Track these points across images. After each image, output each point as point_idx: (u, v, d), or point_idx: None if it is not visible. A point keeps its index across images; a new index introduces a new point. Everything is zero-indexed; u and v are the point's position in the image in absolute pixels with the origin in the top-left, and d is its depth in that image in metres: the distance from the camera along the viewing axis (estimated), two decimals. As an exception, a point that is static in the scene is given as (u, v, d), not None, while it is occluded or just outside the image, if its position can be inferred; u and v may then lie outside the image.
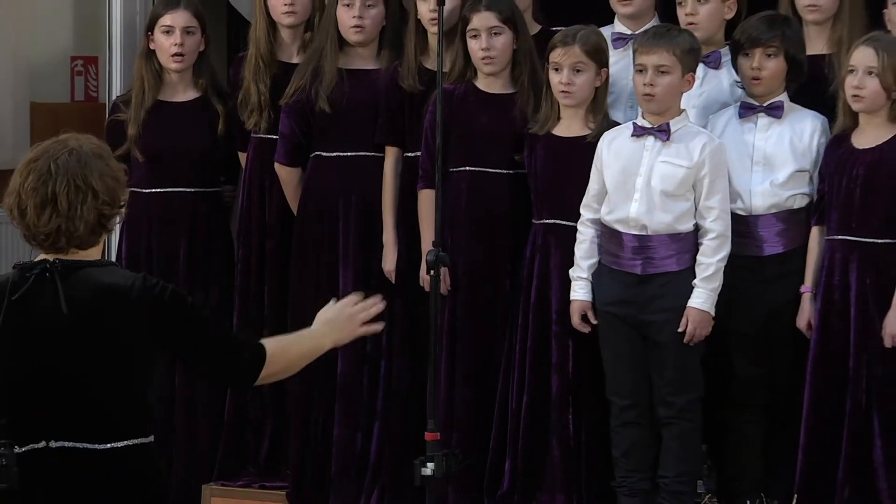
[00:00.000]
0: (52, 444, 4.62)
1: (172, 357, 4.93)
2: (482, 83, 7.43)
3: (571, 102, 7.15)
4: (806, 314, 7.01)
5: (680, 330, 6.98)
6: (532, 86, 7.32)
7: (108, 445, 4.62)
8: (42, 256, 4.66)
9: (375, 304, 5.12)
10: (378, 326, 5.20)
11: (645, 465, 7.15)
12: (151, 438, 4.74)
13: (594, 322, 7.12)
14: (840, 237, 6.93)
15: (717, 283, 6.98)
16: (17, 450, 4.59)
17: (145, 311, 4.60)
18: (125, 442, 4.64)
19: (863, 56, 6.81)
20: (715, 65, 7.33)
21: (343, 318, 5.06)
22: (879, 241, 6.86)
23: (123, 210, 4.71)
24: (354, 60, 7.69)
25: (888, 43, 6.85)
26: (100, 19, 9.88)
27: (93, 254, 4.68)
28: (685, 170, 7.00)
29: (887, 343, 6.80)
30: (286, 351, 4.90)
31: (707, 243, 6.99)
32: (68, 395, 4.62)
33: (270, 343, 4.86)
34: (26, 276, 4.61)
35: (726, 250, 6.99)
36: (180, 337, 4.70)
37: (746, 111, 7.15)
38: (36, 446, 4.62)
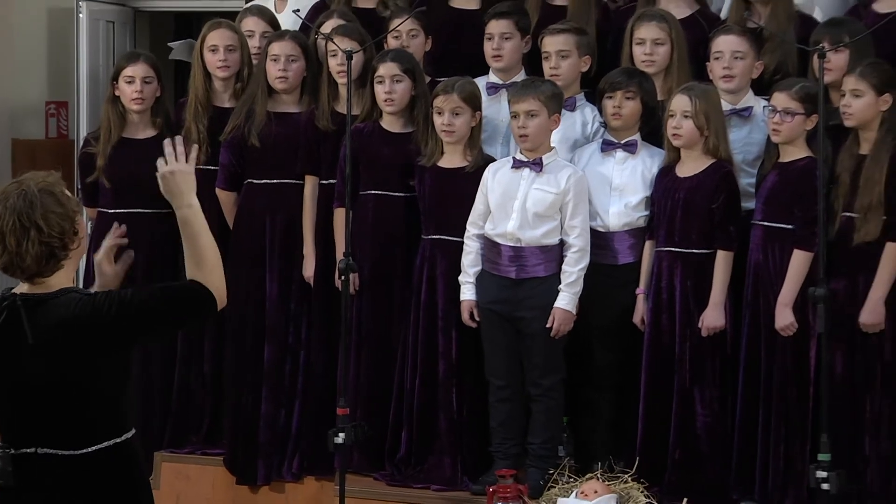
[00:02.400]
0: (39, 450, 4.53)
1: (145, 342, 4.87)
2: (385, 122, 7.47)
3: (451, 140, 7.25)
4: (640, 311, 7.12)
5: (547, 326, 7.03)
6: (425, 124, 7.35)
7: (84, 451, 4.53)
8: (16, 289, 4.56)
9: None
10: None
11: (516, 434, 7.18)
12: (129, 434, 4.63)
13: (478, 319, 7.19)
14: (666, 249, 7.04)
15: (578, 287, 7.06)
16: (12, 452, 4.53)
17: (98, 330, 4.46)
18: (100, 445, 4.55)
19: (680, 102, 6.94)
20: (571, 108, 7.38)
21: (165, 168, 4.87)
22: (697, 251, 6.97)
23: (79, 237, 4.55)
24: (280, 105, 7.70)
25: (701, 91, 6.97)
26: (69, 70, 10.01)
27: (60, 280, 4.54)
28: (553, 195, 7.05)
29: (704, 333, 6.94)
30: (203, 262, 4.61)
31: (570, 255, 7.07)
32: (44, 409, 4.52)
33: (191, 273, 4.56)
34: (0, 307, 4.54)
35: (586, 261, 7.07)
36: (135, 329, 4.53)
37: (607, 146, 7.23)
38: (27, 451, 4.54)
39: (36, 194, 4.48)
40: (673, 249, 7.05)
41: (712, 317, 6.96)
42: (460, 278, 7.24)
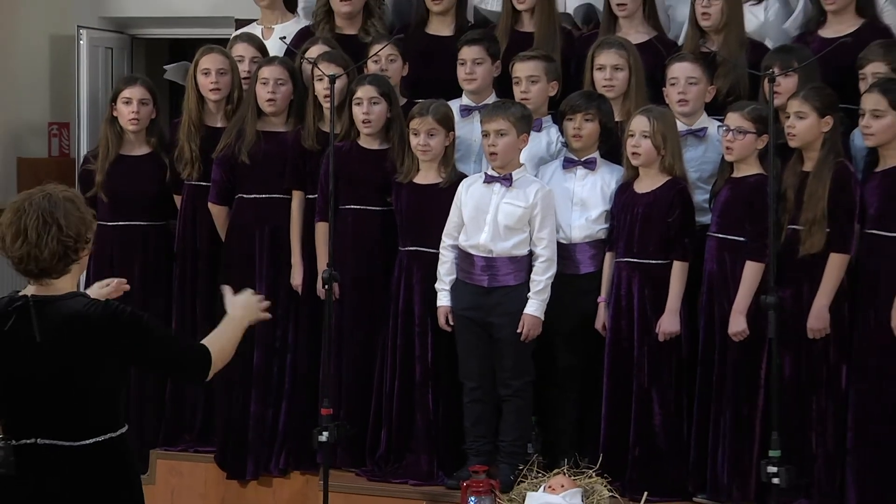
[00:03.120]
0: (39, 441, 4.57)
1: (137, 367, 4.79)
2: (363, 141, 7.45)
3: (427, 158, 7.26)
4: (601, 318, 7.12)
5: (518, 331, 7.02)
6: (400, 144, 7.35)
7: (82, 443, 4.57)
8: (25, 291, 4.61)
9: (264, 299, 5.23)
10: (268, 315, 5.30)
11: (488, 432, 7.16)
12: (123, 430, 4.68)
13: (452, 324, 7.19)
14: (625, 259, 7.05)
15: (546, 295, 7.04)
16: (13, 443, 4.59)
17: (106, 331, 4.52)
18: (96, 438, 4.59)
19: (639, 123, 6.96)
20: (538, 129, 7.35)
21: (253, 303, 5.08)
22: (654, 262, 6.99)
23: (90, 245, 4.64)
24: (268, 125, 7.67)
25: (658, 113, 6.98)
26: (70, 93, 10.03)
27: (66, 285, 4.61)
28: (522, 209, 7.03)
29: (661, 339, 6.95)
30: (221, 344, 4.83)
31: (538, 265, 7.06)
32: (46, 403, 4.56)
33: (209, 342, 4.79)
34: (9, 310, 4.57)
35: (553, 270, 7.06)
36: (140, 349, 4.59)
37: (569, 164, 7.22)
38: (28, 441, 4.58)
39: (59, 197, 4.57)
40: (631, 260, 7.06)
41: (668, 322, 6.97)
42: (437, 286, 7.23)
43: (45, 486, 4.59)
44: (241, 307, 5.07)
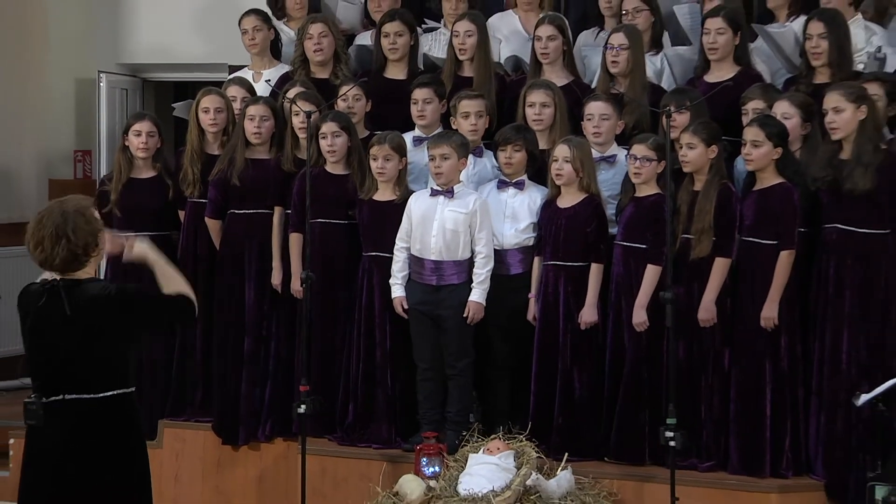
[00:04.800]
0: (66, 396, 4.68)
1: (146, 327, 4.95)
2: (329, 167, 7.42)
3: (384, 179, 7.24)
4: (532, 311, 7.11)
5: (464, 316, 7.03)
6: (360, 169, 7.34)
7: (101, 395, 4.68)
8: (53, 276, 4.74)
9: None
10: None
11: (437, 405, 7.18)
12: (132, 388, 4.78)
13: (406, 308, 7.14)
14: (552, 263, 7.04)
15: (487, 285, 7.06)
16: (43, 400, 4.70)
17: (118, 306, 4.65)
18: (112, 392, 4.70)
19: (562, 150, 6.97)
20: (479, 154, 7.39)
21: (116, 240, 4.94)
22: (576, 264, 6.99)
23: (99, 248, 4.74)
24: (255, 153, 7.64)
25: (577, 143, 6.99)
26: (92, 126, 9.96)
27: (86, 272, 4.74)
28: (464, 215, 7.04)
29: (582, 327, 6.95)
30: (179, 282, 4.82)
31: (479, 260, 7.07)
32: (74, 364, 4.68)
33: (176, 287, 4.78)
34: (42, 290, 4.73)
35: (491, 265, 7.06)
36: (140, 315, 4.73)
37: (502, 185, 7.21)
38: (56, 398, 4.69)
39: (70, 213, 4.67)
40: (557, 263, 7.05)
41: (588, 314, 6.97)
42: (391, 281, 7.21)
43: (70, 432, 4.67)
44: (137, 248, 4.93)
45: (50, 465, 4.70)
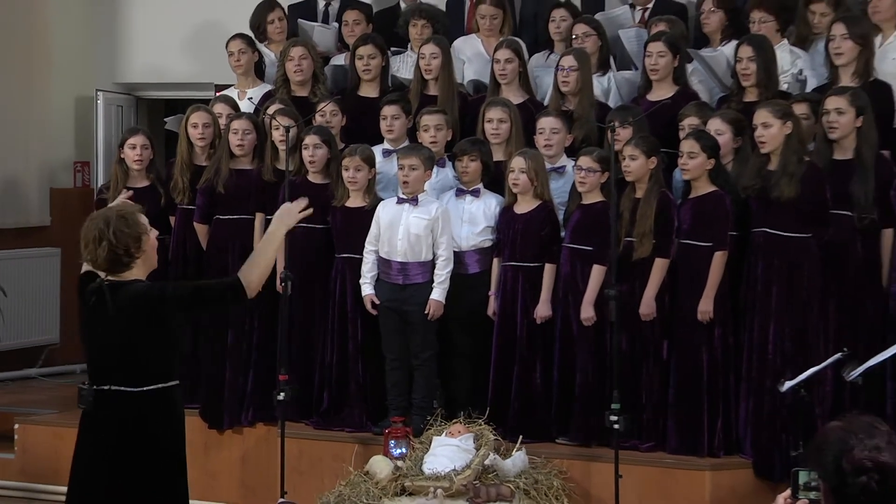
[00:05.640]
0: (112, 387, 4.63)
1: (190, 314, 4.92)
2: (311, 177, 7.41)
3: (355, 188, 7.23)
4: (492, 307, 7.10)
5: (426, 312, 7.04)
6: (339, 178, 7.29)
7: (142, 388, 4.62)
8: (103, 276, 4.69)
9: (302, 202, 5.04)
10: (309, 210, 5.06)
11: (404, 392, 7.18)
12: (174, 382, 4.72)
13: (376, 304, 7.12)
14: (510, 263, 7.04)
15: (447, 285, 7.05)
16: (94, 387, 4.67)
17: (159, 300, 4.60)
18: (153, 386, 4.64)
19: (517, 162, 6.99)
20: (442, 165, 7.37)
21: (286, 210, 4.96)
22: (531, 265, 6.99)
23: (143, 250, 4.65)
24: (238, 164, 7.62)
25: (532, 154, 7.02)
26: (90, 139, 9.92)
27: (132, 274, 4.66)
28: (427, 221, 7.03)
29: (538, 321, 6.95)
30: (252, 267, 4.72)
31: (440, 262, 7.06)
32: (118, 359, 4.64)
33: (242, 270, 4.71)
34: (92, 289, 4.68)
35: (451, 266, 7.06)
36: (184, 304, 4.68)
37: (460, 192, 7.21)
38: (104, 387, 4.65)
39: (113, 218, 4.64)
40: (514, 264, 7.06)
41: (542, 309, 6.97)
42: (361, 280, 7.20)
43: (115, 419, 4.64)
44: (277, 218, 4.95)
45: (99, 448, 4.68)
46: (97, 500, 4.67)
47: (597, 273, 6.87)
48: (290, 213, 4.97)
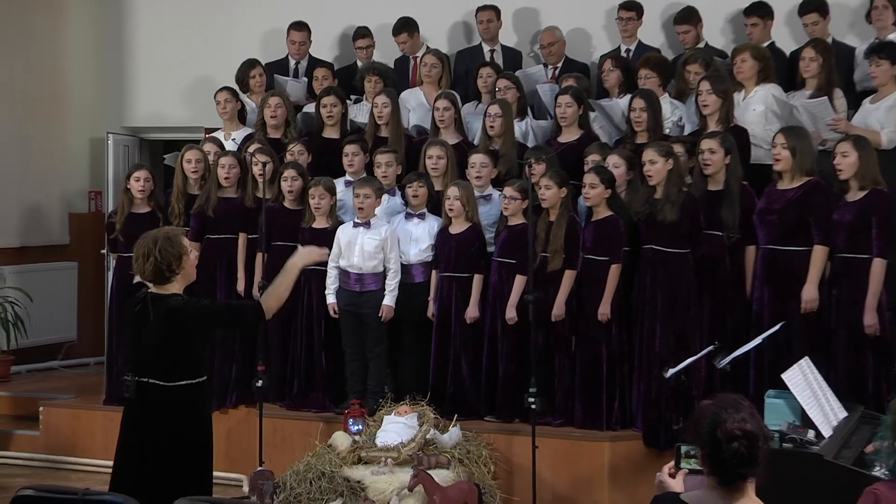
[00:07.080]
0: (150, 380, 4.55)
1: (212, 331, 4.78)
2: (287, 203, 7.38)
3: (320, 213, 7.24)
4: (431, 309, 7.08)
5: (379, 315, 7.01)
6: (306, 204, 7.27)
7: (174, 383, 4.55)
8: (148, 289, 4.64)
9: (320, 250, 5.05)
10: (324, 257, 5.11)
11: (360, 380, 7.16)
12: (202, 378, 4.60)
13: (338, 313, 7.09)
14: (446, 274, 7.04)
15: (396, 292, 7.04)
16: (136, 379, 4.58)
17: (190, 316, 4.55)
18: (184, 381, 4.55)
19: (453, 191, 7.00)
20: (392, 193, 7.37)
21: (305, 252, 4.98)
22: (463, 275, 7.00)
23: (183, 267, 4.60)
24: (225, 193, 7.58)
25: (464, 185, 7.05)
26: (102, 172, 9.81)
27: (172, 287, 4.60)
28: (378, 240, 7.03)
29: (468, 321, 6.94)
30: (271, 293, 4.73)
31: (390, 274, 7.06)
32: (155, 358, 4.57)
33: (264, 296, 4.75)
34: (138, 299, 4.62)
35: (398, 277, 7.05)
36: (207, 324, 4.62)
37: (408, 216, 7.18)
38: (143, 379, 4.57)
39: (160, 238, 4.59)
40: (450, 275, 7.06)
41: (472, 311, 6.97)
42: (326, 291, 7.17)
43: (150, 409, 4.56)
44: (298, 256, 4.94)
45: (139, 431, 4.60)
46: (137, 469, 4.59)
47: (518, 282, 6.87)
48: (305, 255, 4.96)
